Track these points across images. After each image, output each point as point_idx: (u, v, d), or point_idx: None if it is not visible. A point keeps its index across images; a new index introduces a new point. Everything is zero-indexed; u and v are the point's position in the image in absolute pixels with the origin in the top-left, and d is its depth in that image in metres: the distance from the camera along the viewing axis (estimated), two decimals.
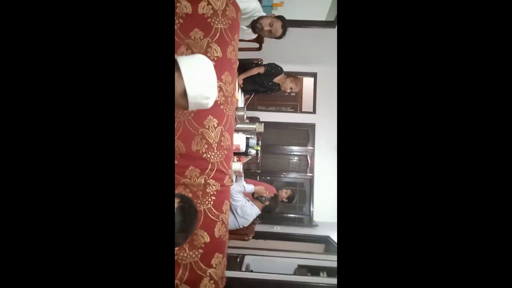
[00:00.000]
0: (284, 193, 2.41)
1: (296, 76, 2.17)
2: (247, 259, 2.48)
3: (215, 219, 1.22)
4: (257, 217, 2.06)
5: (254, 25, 1.67)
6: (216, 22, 1.24)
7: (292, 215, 3.73)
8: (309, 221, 3.61)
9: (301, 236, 3.16)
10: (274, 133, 3.77)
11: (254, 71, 2.04)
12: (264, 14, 1.70)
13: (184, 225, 0.71)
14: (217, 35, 1.24)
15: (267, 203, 2.07)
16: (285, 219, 3.60)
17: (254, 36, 1.86)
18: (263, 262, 2.49)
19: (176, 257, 1.13)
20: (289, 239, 3.13)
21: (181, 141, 1.21)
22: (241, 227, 2.00)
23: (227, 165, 1.28)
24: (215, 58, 1.24)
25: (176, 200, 0.71)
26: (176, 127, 1.22)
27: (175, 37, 1.19)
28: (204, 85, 0.76)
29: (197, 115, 1.23)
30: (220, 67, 1.24)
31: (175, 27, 1.19)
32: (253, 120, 2.24)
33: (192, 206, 0.75)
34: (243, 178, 2.03)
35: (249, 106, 2.34)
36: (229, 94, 1.30)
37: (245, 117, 1.91)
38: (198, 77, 0.75)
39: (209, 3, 1.22)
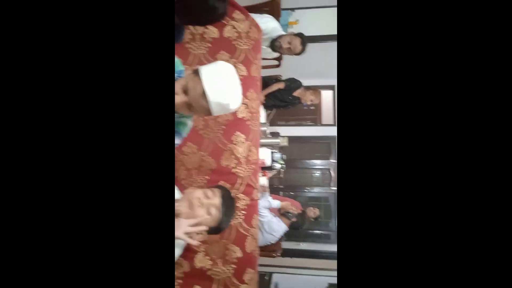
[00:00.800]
0: (312, 213, 2.35)
1: (315, 89, 2.20)
2: (275, 278, 2.41)
3: (245, 233, 1.23)
4: (284, 233, 2.02)
5: (274, 44, 1.74)
6: (240, 44, 1.31)
7: (318, 231, 3.61)
8: (336, 237, 3.47)
9: (329, 253, 3.03)
10: (295, 147, 3.74)
11: (275, 87, 2.10)
12: (283, 33, 1.77)
13: (230, 211, 0.85)
14: (242, 56, 1.31)
15: (294, 219, 2.03)
16: (311, 236, 3.48)
17: (276, 55, 1.92)
18: (292, 281, 2.41)
19: (209, 272, 1.13)
20: (317, 257, 3.01)
21: (212, 157, 1.25)
22: (268, 243, 1.96)
23: (255, 179, 1.30)
24: (241, 77, 1.30)
25: (219, 192, 0.85)
26: (206, 144, 1.27)
27: (204, 60, 1.27)
28: (224, 83, 0.74)
29: (226, 131, 1.28)
30: (245, 85, 1.29)
31: (204, 51, 1.28)
32: (274, 135, 2.26)
33: (230, 193, 0.89)
34: (268, 193, 2.02)
35: (270, 122, 2.37)
36: (255, 110, 1.34)
37: (267, 132, 1.95)
38: (217, 76, 0.73)
39: (233, 27, 1.30)
